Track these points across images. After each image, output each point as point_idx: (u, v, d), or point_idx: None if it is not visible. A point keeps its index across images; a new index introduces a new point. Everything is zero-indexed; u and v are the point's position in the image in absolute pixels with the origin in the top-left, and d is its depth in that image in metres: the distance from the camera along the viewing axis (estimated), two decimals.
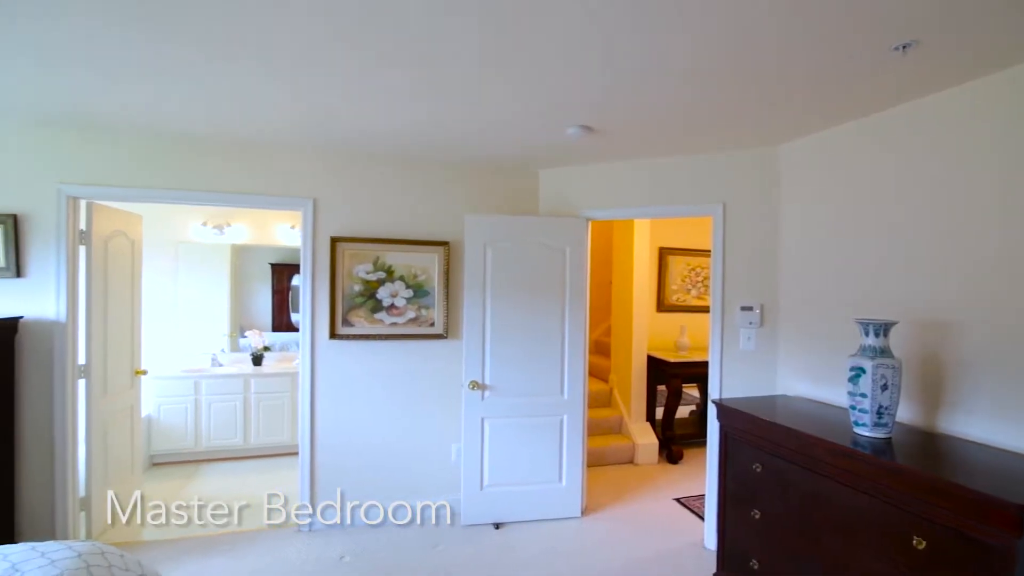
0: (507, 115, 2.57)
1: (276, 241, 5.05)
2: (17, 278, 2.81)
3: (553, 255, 3.41)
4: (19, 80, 2.24)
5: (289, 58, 1.96)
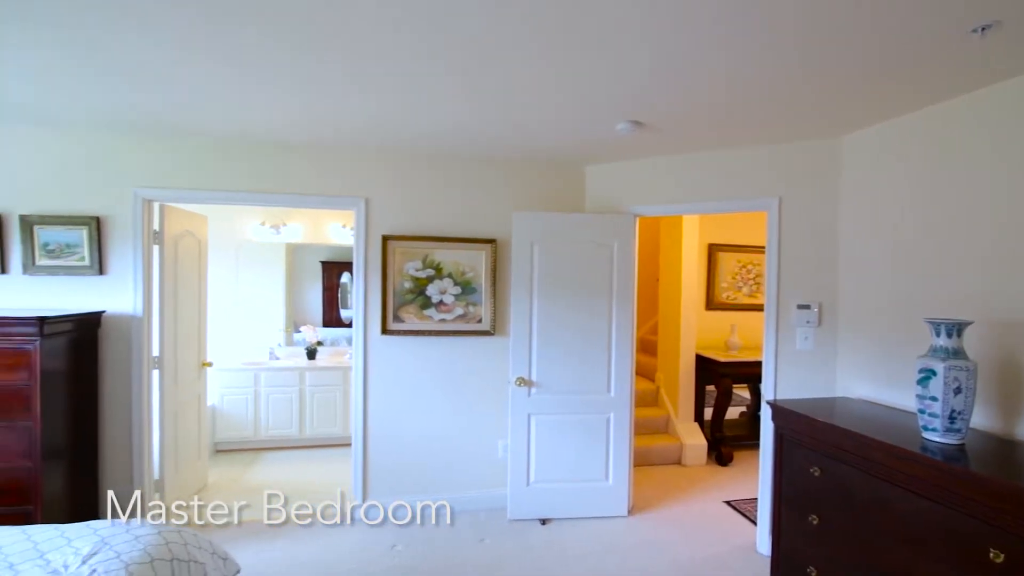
0: (557, 114, 2.57)
1: (328, 240, 5.24)
2: (100, 275, 3.04)
3: (600, 252, 3.39)
4: (104, 96, 2.42)
5: (367, 65, 2.02)
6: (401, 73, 2.11)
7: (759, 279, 5.26)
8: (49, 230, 2.96)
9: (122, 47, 1.92)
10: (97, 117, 2.77)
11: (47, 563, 1.75)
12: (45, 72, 2.18)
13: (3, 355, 2.55)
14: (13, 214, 2.95)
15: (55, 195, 2.99)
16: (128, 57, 2.01)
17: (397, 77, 2.15)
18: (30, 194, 2.97)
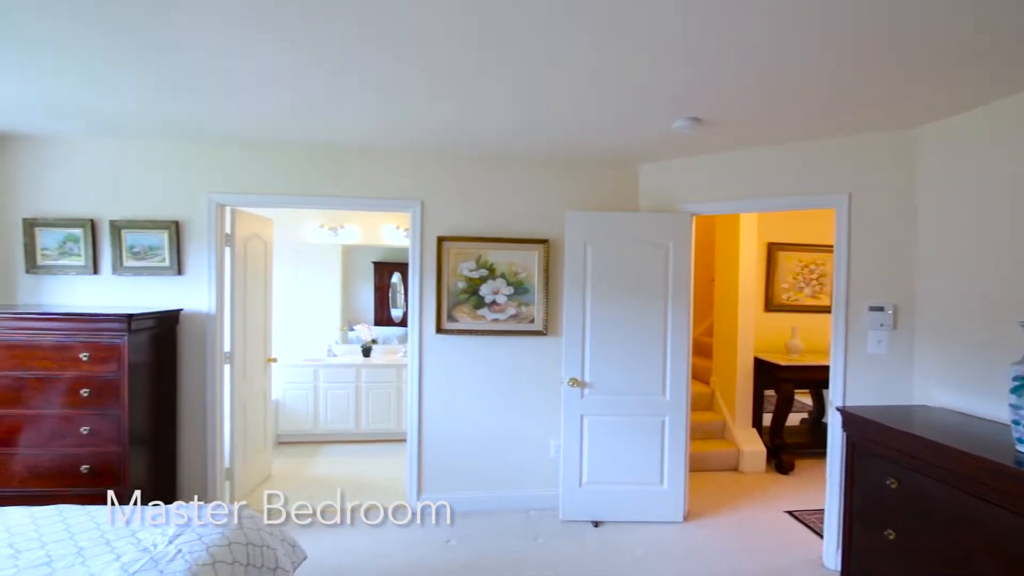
0: (612, 113, 2.55)
1: (382, 241, 5.39)
2: (178, 275, 3.26)
3: (655, 252, 3.33)
4: (184, 109, 2.59)
5: (435, 70, 2.07)
6: (464, 77, 2.14)
7: (823, 279, 5.01)
8: (135, 234, 3.20)
9: (203, 66, 2.05)
10: (177, 128, 2.97)
11: (138, 541, 1.89)
12: (134, 88, 2.36)
13: (97, 349, 2.77)
14: (104, 219, 3.20)
15: (140, 201, 3.22)
16: (208, 74, 2.15)
17: (460, 81, 2.18)
18: (118, 201, 3.21)
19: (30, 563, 1.74)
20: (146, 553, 1.79)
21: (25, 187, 3.17)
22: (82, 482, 2.78)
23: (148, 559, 1.76)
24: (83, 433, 2.78)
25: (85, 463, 2.79)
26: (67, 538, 1.91)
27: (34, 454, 2.78)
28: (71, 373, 2.78)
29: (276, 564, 2.06)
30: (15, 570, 1.70)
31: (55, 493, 2.73)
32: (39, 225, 3.15)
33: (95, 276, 3.23)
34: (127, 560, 1.75)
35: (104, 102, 2.56)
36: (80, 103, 2.58)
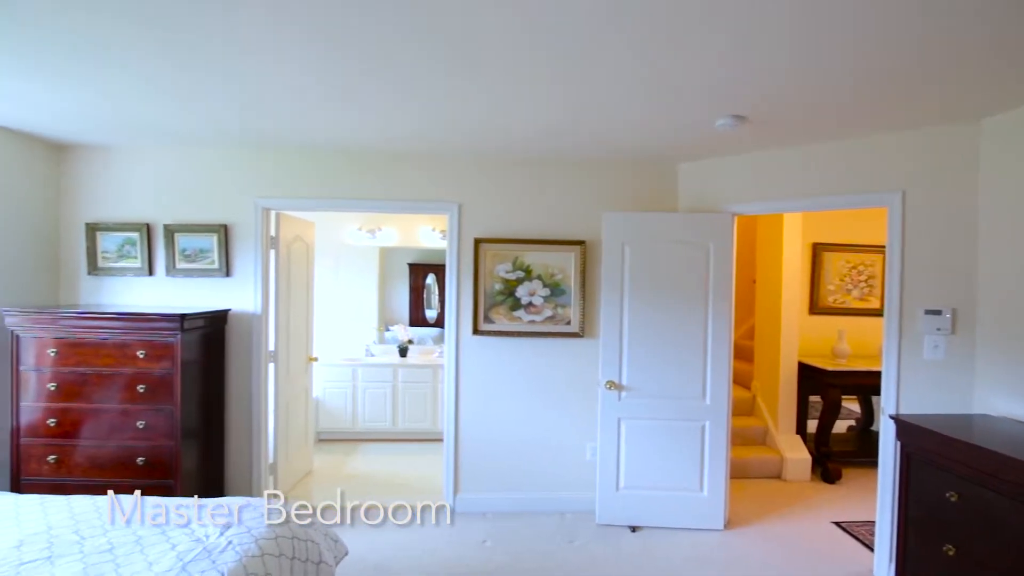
0: (651, 112, 2.51)
1: (419, 243, 5.46)
2: (226, 277, 3.38)
3: (695, 253, 3.26)
4: (233, 117, 2.70)
5: (481, 74, 2.10)
6: (502, 79, 2.15)
7: (873, 281, 4.80)
8: (187, 237, 3.34)
9: (252, 76, 2.13)
10: (226, 136, 3.09)
11: (191, 532, 1.97)
12: (187, 99, 2.47)
13: (152, 347, 2.91)
14: (159, 224, 3.36)
15: (191, 206, 3.37)
16: (263, 88, 2.24)
17: (498, 83, 2.19)
18: (172, 205, 3.36)
19: (94, 549, 1.84)
20: (199, 544, 1.87)
21: (87, 193, 3.36)
22: (138, 473, 2.92)
23: (201, 549, 1.83)
24: (139, 427, 2.93)
25: (141, 455, 2.93)
26: (126, 527, 2.01)
27: (95, 446, 2.94)
28: (129, 370, 2.93)
29: (320, 558, 2.11)
30: (81, 555, 1.80)
31: (114, 483, 2.86)
32: (100, 229, 3.33)
33: (150, 277, 3.39)
34: (181, 550, 1.83)
35: (162, 114, 2.70)
36: (140, 115, 2.72)
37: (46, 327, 2.90)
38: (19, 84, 2.29)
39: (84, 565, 1.74)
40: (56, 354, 2.90)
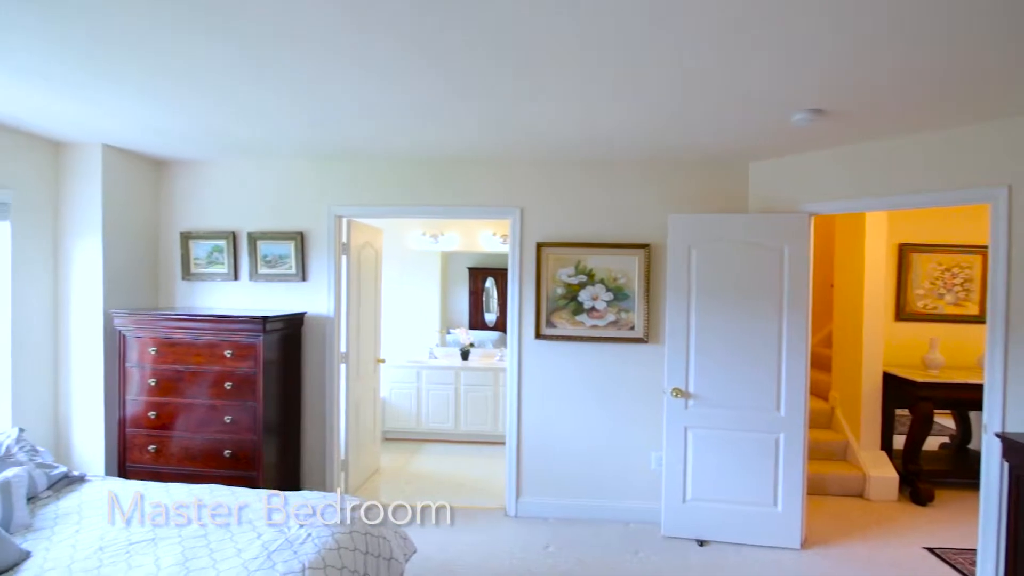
0: (720, 110, 2.43)
1: (479, 247, 5.55)
2: (303, 282, 3.58)
3: (767, 256, 3.11)
4: (311, 133, 2.86)
5: (546, 77, 2.11)
6: (570, 81, 2.15)
7: (970, 284, 4.39)
8: (268, 244, 3.57)
9: (333, 95, 2.27)
10: (304, 149, 3.28)
11: (274, 523, 2.09)
12: (272, 117, 2.65)
13: (238, 347, 3.12)
14: (243, 232, 3.61)
15: (272, 215, 3.59)
16: (335, 102, 2.36)
17: (567, 85, 2.19)
18: (254, 215, 3.60)
19: (191, 534, 1.99)
20: (282, 535, 1.98)
21: (182, 205, 3.66)
22: (225, 465, 3.14)
23: (284, 540, 1.94)
24: (226, 422, 3.15)
25: (227, 448, 3.15)
26: (217, 514, 2.16)
27: (188, 437, 3.19)
28: (217, 368, 3.16)
29: (391, 554, 2.19)
30: (180, 539, 1.96)
31: (204, 473, 3.12)
32: (192, 238, 3.62)
33: (235, 282, 3.65)
34: (266, 539, 1.95)
35: (248, 130, 2.90)
36: (229, 132, 2.94)
37: (147, 327, 3.18)
38: (129, 105, 2.53)
39: (182, 548, 1.89)
40: (156, 352, 3.17)
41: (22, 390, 3.07)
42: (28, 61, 2.01)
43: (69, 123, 2.81)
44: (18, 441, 2.40)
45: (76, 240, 3.25)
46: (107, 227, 3.25)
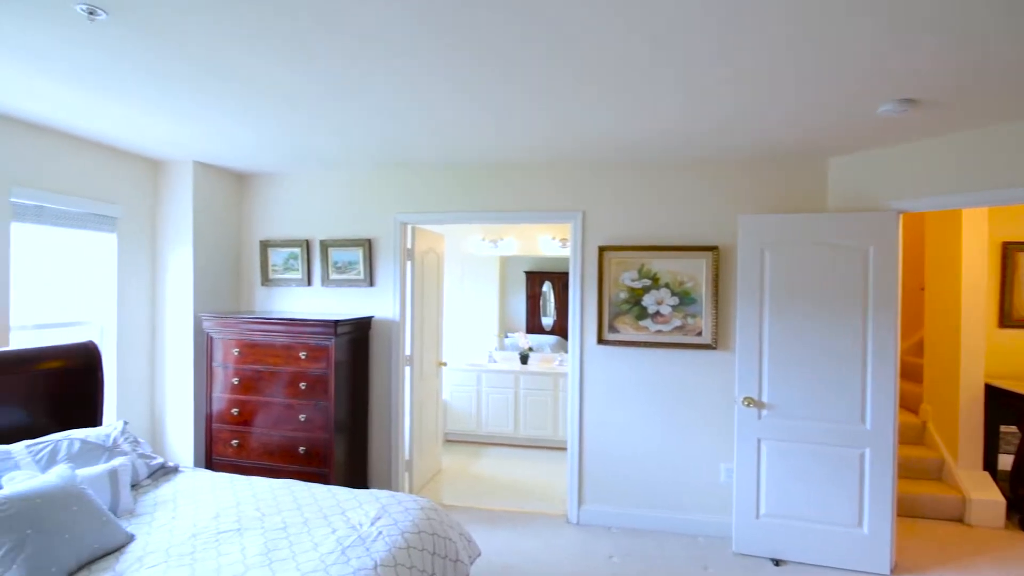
0: (797, 104, 2.30)
1: (538, 252, 5.55)
2: (370, 287, 3.72)
3: (850, 257, 2.91)
4: (380, 144, 2.97)
5: (606, 77, 2.10)
6: (630, 80, 2.11)
7: None
8: (338, 251, 3.73)
9: (405, 108, 2.35)
10: (371, 159, 3.41)
11: (347, 520, 2.17)
12: (345, 131, 2.77)
13: (311, 349, 3.28)
14: (315, 240, 3.80)
15: (342, 223, 3.76)
16: (413, 114, 2.44)
17: (631, 86, 2.16)
18: (326, 223, 3.79)
19: (272, 526, 2.11)
20: (354, 531, 2.06)
21: (261, 215, 3.91)
22: (299, 461, 3.31)
23: (356, 536, 2.01)
24: (300, 420, 3.31)
25: (301, 445, 3.31)
26: (295, 509, 2.27)
27: (266, 434, 3.38)
28: (292, 368, 3.33)
29: (456, 556, 2.21)
30: (262, 529, 2.07)
31: (280, 468, 3.30)
32: (271, 246, 3.85)
33: (308, 287, 3.84)
34: (340, 535, 2.03)
35: (323, 144, 3.07)
36: (305, 146, 3.12)
37: (231, 330, 3.41)
38: (220, 125, 2.74)
39: (265, 539, 2.00)
40: (239, 353, 3.39)
41: (125, 386, 3.38)
42: (134, 87, 2.22)
43: (166, 143, 3.08)
44: (123, 433, 2.63)
45: (170, 249, 3.54)
46: (197, 237, 3.52)
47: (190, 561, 1.85)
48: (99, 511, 1.97)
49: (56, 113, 2.59)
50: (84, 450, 2.38)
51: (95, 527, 1.90)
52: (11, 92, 2.30)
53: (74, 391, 2.74)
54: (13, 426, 2.45)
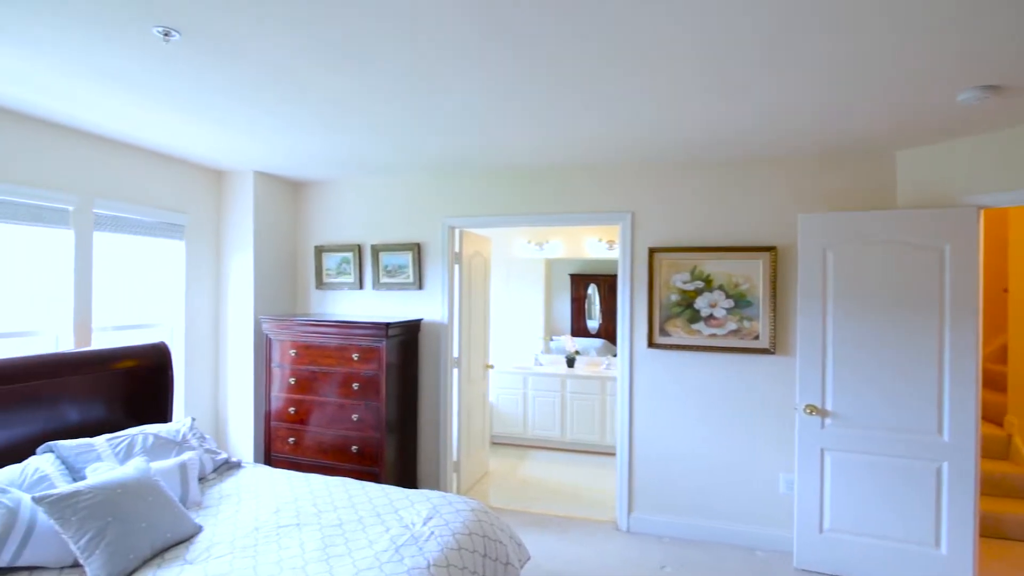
0: (864, 95, 2.16)
1: (584, 254, 5.49)
2: (419, 290, 3.78)
3: (923, 257, 2.72)
4: (430, 148, 3.01)
5: (658, 76, 2.07)
6: (688, 79, 2.06)
7: None
8: (388, 255, 3.82)
9: (460, 114, 2.37)
10: (421, 165, 3.47)
11: (400, 519, 2.20)
12: (397, 137, 2.84)
13: (364, 351, 3.37)
14: (367, 244, 3.90)
15: (391, 227, 3.85)
16: (464, 120, 2.47)
17: (683, 83, 2.10)
18: (377, 228, 3.88)
19: (329, 522, 2.16)
20: (407, 531, 2.08)
21: (315, 221, 4.05)
22: (352, 460, 3.39)
23: (409, 536, 2.03)
24: (353, 419, 3.40)
25: (354, 444, 3.40)
26: (350, 506, 2.33)
27: (320, 432, 3.49)
28: (345, 369, 3.43)
29: (507, 559, 2.20)
30: (319, 526, 2.14)
31: (334, 466, 3.40)
32: (324, 250, 3.99)
33: (360, 291, 3.95)
34: (394, 534, 2.06)
35: (377, 152, 3.16)
36: (359, 154, 3.21)
37: (288, 332, 3.54)
38: (280, 136, 2.86)
39: (322, 535, 2.06)
40: (295, 354, 3.52)
41: (191, 385, 3.57)
42: (203, 104, 2.35)
43: (228, 153, 3.24)
44: (191, 429, 2.78)
45: (232, 255, 3.72)
46: (257, 243, 3.69)
47: (253, 553, 1.92)
48: (171, 502, 2.09)
49: (133, 130, 2.77)
50: (157, 444, 2.52)
51: (168, 517, 2.01)
52: (94, 111, 2.48)
53: (147, 388, 2.91)
54: (94, 420, 2.63)
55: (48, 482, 2.07)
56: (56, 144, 2.71)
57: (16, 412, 2.31)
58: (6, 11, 1.60)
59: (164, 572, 1.82)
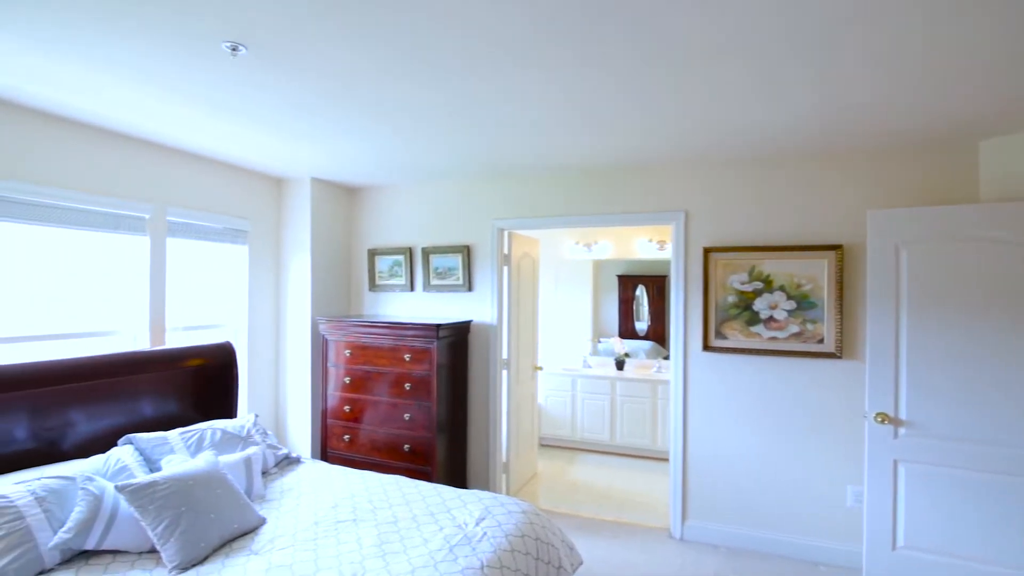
0: (942, 81, 2.01)
1: (634, 254, 5.39)
2: (469, 292, 3.82)
3: (1012, 254, 2.50)
4: (480, 151, 3.03)
5: (719, 71, 2.01)
6: (745, 70, 1.98)
7: None
8: (439, 257, 3.88)
9: (511, 119, 2.38)
10: (471, 168, 3.50)
11: (453, 518, 2.22)
12: (455, 144, 2.88)
13: (415, 352, 3.43)
14: (417, 247, 3.97)
15: (442, 230, 3.90)
16: (514, 125, 2.48)
17: (736, 78, 2.02)
18: (427, 231, 3.95)
19: (384, 519, 2.21)
20: (460, 530, 2.10)
21: (369, 225, 4.16)
22: (404, 458, 3.46)
23: (463, 536, 2.05)
24: (405, 419, 3.47)
25: (406, 443, 3.46)
26: (404, 504, 2.37)
27: (374, 431, 3.58)
28: (397, 370, 3.50)
29: (559, 563, 2.18)
30: (375, 523, 2.18)
31: (386, 464, 3.47)
32: (377, 254, 4.09)
33: (411, 293, 4.03)
34: (447, 533, 2.08)
35: (431, 157, 3.21)
36: (415, 160, 3.28)
37: (343, 332, 3.66)
38: (337, 144, 2.96)
39: (378, 532, 2.10)
40: (350, 354, 3.63)
41: (253, 382, 3.74)
42: (267, 114, 2.46)
43: (289, 162, 3.38)
44: (254, 425, 2.91)
45: (291, 259, 3.87)
46: (314, 247, 3.83)
47: (313, 547, 1.99)
48: (238, 494, 2.19)
49: (201, 141, 2.94)
50: (224, 439, 2.66)
51: (235, 509, 2.11)
52: (166, 124, 2.65)
53: (213, 386, 3.07)
54: (167, 415, 2.80)
55: (128, 472, 2.21)
56: (132, 156, 2.91)
57: (101, 406, 2.50)
58: (85, 32, 1.71)
59: (232, 561, 1.90)
